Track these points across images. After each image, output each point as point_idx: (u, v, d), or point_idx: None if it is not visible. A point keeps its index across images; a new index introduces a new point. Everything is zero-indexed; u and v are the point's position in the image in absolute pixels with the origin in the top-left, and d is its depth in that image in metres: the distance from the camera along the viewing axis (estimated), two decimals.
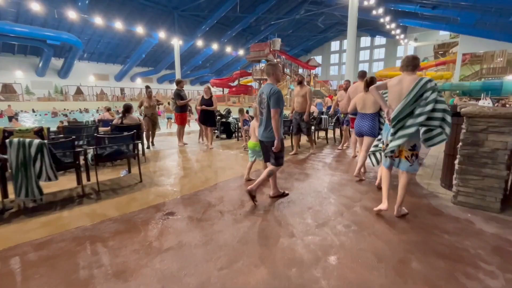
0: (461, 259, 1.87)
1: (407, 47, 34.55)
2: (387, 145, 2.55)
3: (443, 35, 33.01)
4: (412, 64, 2.45)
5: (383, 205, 2.58)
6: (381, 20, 21.59)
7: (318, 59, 42.87)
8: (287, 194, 3.22)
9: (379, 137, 2.97)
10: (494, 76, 29.49)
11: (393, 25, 23.99)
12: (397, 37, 29.88)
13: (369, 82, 3.42)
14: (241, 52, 32.39)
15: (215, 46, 29.51)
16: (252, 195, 2.87)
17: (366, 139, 3.63)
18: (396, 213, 2.58)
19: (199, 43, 28.07)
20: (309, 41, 41.25)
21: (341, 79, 29.66)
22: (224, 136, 7.87)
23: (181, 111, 6.14)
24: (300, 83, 5.20)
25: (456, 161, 2.82)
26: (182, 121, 6.29)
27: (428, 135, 2.43)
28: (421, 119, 2.29)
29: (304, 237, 2.25)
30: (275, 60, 26.48)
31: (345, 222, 2.51)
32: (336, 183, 3.72)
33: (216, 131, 7.68)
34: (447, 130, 2.29)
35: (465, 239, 2.14)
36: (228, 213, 2.74)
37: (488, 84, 22.26)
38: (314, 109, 7.43)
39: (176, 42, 27.69)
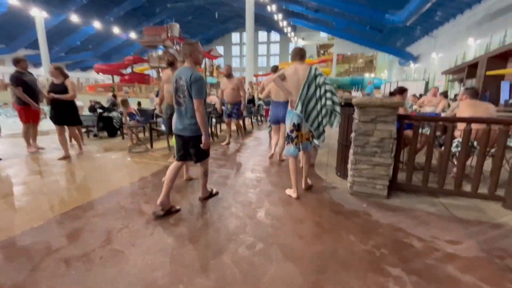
0: (370, 267, 1.85)
1: (297, 44, 38.84)
2: (309, 131, 2.85)
3: (323, 37, 38.91)
4: (299, 54, 2.88)
5: (294, 194, 2.89)
6: (275, 17, 23.13)
7: (220, 49, 42.70)
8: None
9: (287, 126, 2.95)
10: (358, 73, 37.48)
11: (285, 23, 26.19)
12: (289, 34, 33.03)
13: (275, 69, 4.14)
14: (133, 35, 28.35)
15: (97, 25, 24.63)
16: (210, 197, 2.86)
17: (283, 126, 3.85)
18: (305, 186, 3.11)
19: (74, 18, 22.70)
20: (210, 30, 40.35)
21: (243, 71, 30.93)
22: (105, 134, 6.46)
23: (24, 103, 4.46)
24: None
25: (351, 151, 2.94)
26: (28, 117, 4.61)
27: (329, 117, 2.78)
28: (326, 101, 2.70)
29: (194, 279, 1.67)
30: (174, 48, 24.48)
31: (249, 241, 2.10)
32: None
33: (92, 128, 6.17)
34: (338, 109, 2.69)
35: (368, 238, 2.19)
36: (82, 260, 1.84)
37: (355, 80, 27.76)
38: (216, 100, 7.07)
39: (38, 13, 21.41)
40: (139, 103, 7.46)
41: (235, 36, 44.92)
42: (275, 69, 4.69)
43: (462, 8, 15.08)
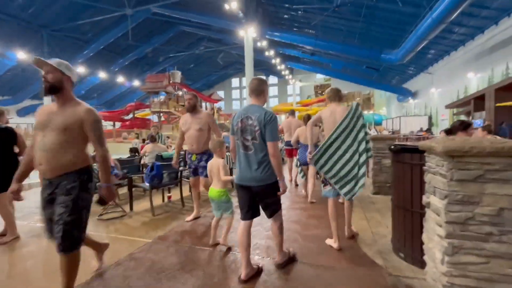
0: None
1: (295, 86, 40.18)
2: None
3: (319, 78, 40.44)
4: (337, 95, 2.87)
5: (336, 244, 2.66)
6: (273, 61, 24.05)
7: (221, 93, 44.20)
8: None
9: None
10: None
11: (282, 67, 27.21)
12: (286, 77, 34.25)
13: (307, 118, 4.23)
14: (136, 82, 29.41)
15: (102, 75, 25.60)
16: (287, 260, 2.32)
17: (312, 168, 4.12)
18: (348, 234, 2.84)
19: (81, 69, 23.61)
20: (211, 76, 42.29)
21: None
22: None
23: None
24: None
25: (442, 232, 1.61)
26: None
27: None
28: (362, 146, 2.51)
29: None
30: (175, 93, 25.05)
31: None
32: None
33: None
34: (369, 153, 2.61)
35: None
36: None
37: None
38: None
39: None
40: (131, 150, 6.82)
41: (235, 81, 46.90)
42: (292, 112, 5.46)
43: (456, 45, 15.46)
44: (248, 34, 15.62)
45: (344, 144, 2.43)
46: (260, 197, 2.11)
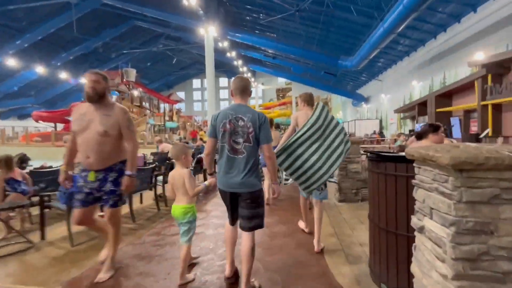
0: None
1: (257, 89, 40.44)
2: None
3: (281, 82, 41.36)
4: (312, 99, 3.01)
5: (307, 229, 3.01)
6: (235, 63, 23.76)
7: (181, 94, 42.44)
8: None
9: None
10: None
11: (244, 69, 27.08)
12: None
13: (269, 122, 4.20)
14: (84, 80, 26.49)
15: (40, 70, 22.50)
16: None
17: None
18: (317, 249, 2.62)
19: (11, 62, 20.44)
20: (171, 76, 40.33)
21: (205, 115, 29.96)
22: None
23: None
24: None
25: (447, 271, 1.06)
26: None
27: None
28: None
29: None
30: (129, 92, 23.19)
31: None
32: None
33: None
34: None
35: None
36: None
37: None
38: (168, 147, 5.78)
39: None
40: None
41: (196, 82, 45.49)
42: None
43: (402, 55, 16.93)
44: (209, 33, 15.08)
45: (308, 142, 2.40)
46: (247, 205, 1.91)
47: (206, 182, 2.23)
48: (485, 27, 10.04)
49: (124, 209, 3.83)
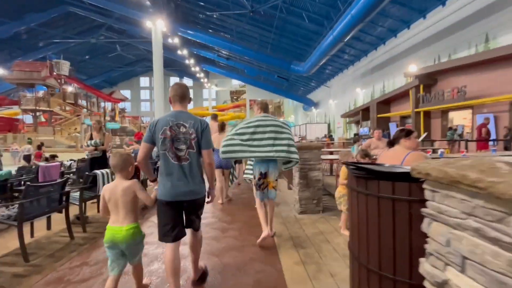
0: None
1: (210, 90, 39.43)
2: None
3: (235, 84, 41.09)
4: (267, 107, 3.22)
5: (265, 233, 2.84)
6: (187, 61, 22.61)
7: (127, 93, 38.89)
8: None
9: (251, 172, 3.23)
10: None
11: (197, 68, 26.01)
12: (202, 80, 33.11)
13: (221, 125, 4.62)
14: (4, 72, 22.09)
15: None
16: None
17: (226, 171, 4.61)
18: (270, 233, 2.90)
19: None
20: (113, 72, 36.54)
21: (154, 115, 27.96)
22: None
23: None
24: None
25: None
26: None
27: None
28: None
29: None
30: (60, 87, 20.21)
31: None
32: None
33: None
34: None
35: None
36: None
37: None
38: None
39: None
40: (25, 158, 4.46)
41: (144, 80, 42.24)
42: (214, 117, 5.27)
43: (347, 64, 18.17)
44: (157, 26, 13.88)
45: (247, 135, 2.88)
46: (194, 211, 1.95)
47: (154, 189, 1.99)
48: (417, 42, 11.27)
49: (12, 242, 2.86)
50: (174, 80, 42.81)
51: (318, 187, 3.77)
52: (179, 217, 1.88)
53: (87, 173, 3.44)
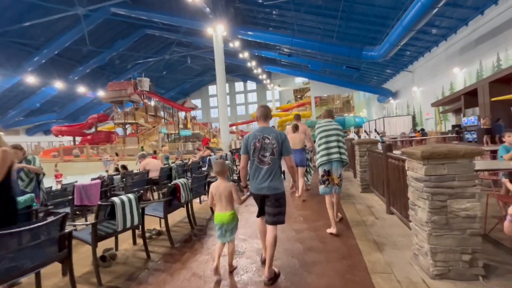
0: None
1: (273, 91, 39.06)
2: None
3: (298, 82, 39.61)
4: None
5: (334, 230, 3.19)
6: (248, 64, 22.58)
7: (197, 102, 42.11)
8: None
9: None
10: (337, 114, 37.43)
11: (259, 70, 25.82)
12: (264, 81, 32.97)
13: (294, 127, 5.10)
14: (101, 93, 26.70)
15: (59, 85, 22.78)
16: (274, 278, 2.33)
17: (300, 169, 4.93)
18: (336, 218, 3.39)
19: (31, 79, 20.79)
20: (186, 83, 40.12)
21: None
22: None
23: None
24: None
25: None
26: None
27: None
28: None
29: None
30: (142, 102, 22.86)
31: None
32: None
33: None
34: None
35: None
36: None
37: (336, 120, 26.97)
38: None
39: None
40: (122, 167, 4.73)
41: (212, 88, 45.03)
42: (298, 117, 5.49)
43: (437, 40, 14.72)
44: (217, 32, 13.97)
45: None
46: (272, 204, 2.37)
47: (246, 194, 2.66)
48: None
49: None
50: (238, 85, 44.26)
51: (472, 230, 1.93)
52: (263, 205, 2.42)
53: (99, 202, 2.51)
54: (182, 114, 27.42)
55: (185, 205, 3.38)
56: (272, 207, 2.34)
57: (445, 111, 14.38)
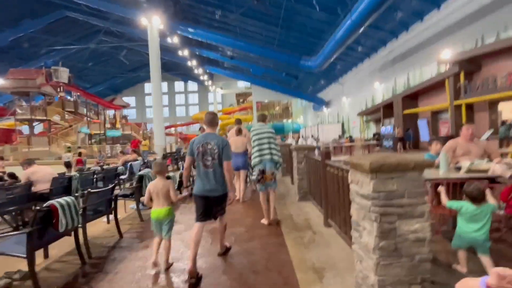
0: None
1: (216, 93, 38.28)
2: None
3: (241, 87, 39.83)
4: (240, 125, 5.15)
5: (266, 221, 3.67)
6: (189, 63, 21.44)
7: (131, 99, 38.20)
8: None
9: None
10: (276, 120, 39.01)
11: (201, 71, 24.84)
12: (206, 83, 31.99)
13: (238, 130, 5.06)
14: (3, 82, 21.46)
15: None
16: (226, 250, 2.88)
17: (242, 173, 5.03)
18: (273, 218, 3.68)
19: None
20: (117, 78, 35.89)
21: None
22: None
23: None
24: None
25: None
26: None
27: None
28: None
29: None
30: (58, 95, 19.31)
31: None
32: None
33: None
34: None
35: None
36: None
37: (276, 125, 27.88)
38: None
39: None
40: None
41: (148, 86, 41.42)
42: (239, 121, 5.51)
43: (362, 57, 16.54)
44: (153, 23, 12.67)
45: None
46: (216, 204, 2.62)
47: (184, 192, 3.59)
48: (452, 23, 9.59)
49: None
50: (178, 84, 41.94)
51: (421, 256, 1.62)
52: (206, 205, 2.59)
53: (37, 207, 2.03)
54: (111, 112, 24.22)
55: (72, 234, 2.53)
56: (215, 206, 2.61)
57: (368, 120, 16.22)
